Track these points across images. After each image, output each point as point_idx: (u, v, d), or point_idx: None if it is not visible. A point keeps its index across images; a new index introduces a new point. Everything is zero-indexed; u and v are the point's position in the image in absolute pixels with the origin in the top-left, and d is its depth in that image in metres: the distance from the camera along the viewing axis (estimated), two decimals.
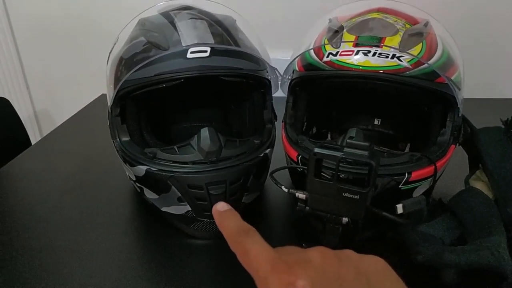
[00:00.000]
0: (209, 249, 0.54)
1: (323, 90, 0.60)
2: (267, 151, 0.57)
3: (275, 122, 0.64)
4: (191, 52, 0.51)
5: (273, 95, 0.63)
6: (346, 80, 0.52)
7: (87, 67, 1.21)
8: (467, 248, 0.43)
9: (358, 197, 0.43)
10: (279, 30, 1.04)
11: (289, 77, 0.62)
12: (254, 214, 0.59)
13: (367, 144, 0.43)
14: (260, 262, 0.29)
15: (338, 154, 0.43)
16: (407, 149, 0.67)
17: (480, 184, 0.56)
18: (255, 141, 0.57)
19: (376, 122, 0.75)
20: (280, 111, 0.64)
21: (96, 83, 0.93)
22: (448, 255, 0.43)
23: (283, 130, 0.62)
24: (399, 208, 0.42)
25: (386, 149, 0.55)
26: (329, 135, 0.73)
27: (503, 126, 0.60)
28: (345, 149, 0.44)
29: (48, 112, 1.34)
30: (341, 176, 0.48)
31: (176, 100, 0.68)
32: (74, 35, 1.19)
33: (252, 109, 0.63)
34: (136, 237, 0.58)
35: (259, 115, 0.62)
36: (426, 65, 0.48)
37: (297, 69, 0.59)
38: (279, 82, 0.61)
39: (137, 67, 0.49)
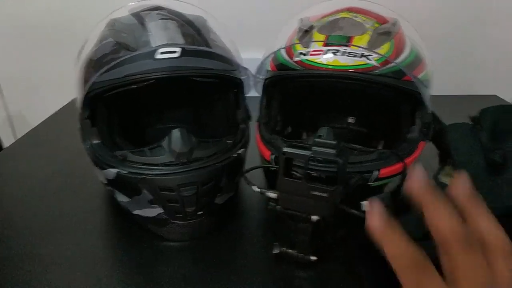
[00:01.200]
0: (184, 250, 0.54)
1: (296, 90, 0.60)
2: (240, 151, 0.57)
3: (250, 122, 0.64)
4: (161, 53, 0.50)
5: (249, 95, 0.63)
6: (316, 79, 0.53)
7: (64, 68, 1.18)
8: (434, 244, 0.44)
9: (327, 195, 0.44)
10: (253, 30, 1.04)
11: (263, 77, 0.62)
12: (228, 214, 0.59)
13: (334, 142, 0.44)
14: None
15: (307, 153, 0.44)
16: (380, 147, 0.68)
17: (449, 180, 0.57)
18: (228, 141, 0.57)
19: (350, 120, 0.76)
20: (256, 110, 0.64)
21: (73, 84, 0.92)
22: None
23: (257, 129, 0.62)
24: (366, 205, 0.43)
25: (358, 146, 0.56)
26: (304, 134, 0.74)
27: (471, 122, 0.61)
28: (314, 148, 0.44)
29: (23, 115, 1.30)
30: (312, 175, 0.48)
31: (149, 101, 0.67)
32: (50, 35, 1.16)
33: (225, 109, 0.63)
34: (110, 241, 0.57)
35: (233, 115, 0.62)
36: (393, 63, 0.49)
37: (269, 68, 0.60)
38: (252, 82, 0.61)
39: (105, 68, 0.49)
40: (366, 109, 0.69)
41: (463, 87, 1.17)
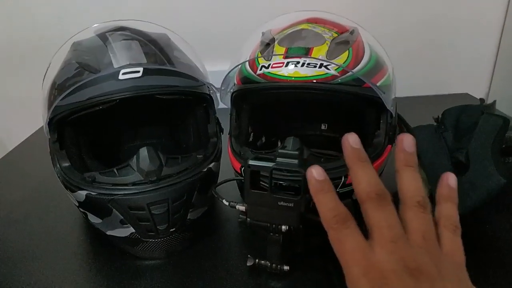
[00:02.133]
0: (159, 268, 0.54)
1: (263, 101, 0.61)
2: (211, 165, 0.57)
3: (222, 135, 0.65)
4: (123, 73, 0.51)
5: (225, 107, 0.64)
6: (279, 91, 0.54)
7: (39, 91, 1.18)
8: None
9: (292, 205, 0.44)
10: (221, 43, 1.04)
11: (230, 89, 0.63)
12: (203, 228, 0.59)
13: (296, 152, 0.44)
14: (355, 261, 0.31)
15: (270, 164, 0.44)
16: None
17: None
18: (198, 156, 0.57)
19: (323, 127, 0.77)
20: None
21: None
22: None
23: (228, 142, 0.63)
24: None
25: (331, 152, 0.57)
26: (279, 143, 0.75)
27: (435, 124, 0.63)
28: (277, 159, 0.45)
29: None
30: (284, 185, 0.49)
31: (120, 121, 0.67)
32: (24, 57, 1.15)
33: (196, 124, 0.63)
34: (85, 263, 0.56)
35: (204, 129, 0.62)
36: (350, 72, 0.50)
37: (236, 82, 0.60)
38: (218, 96, 0.62)
39: (66, 92, 0.49)
40: (335, 116, 0.70)
41: (437, 87, 1.20)
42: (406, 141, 0.37)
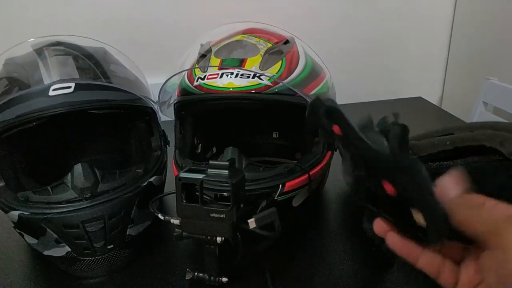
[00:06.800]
0: (101, 287, 0.52)
1: (203, 112, 0.61)
2: (151, 179, 0.57)
3: (168, 148, 0.65)
4: (54, 89, 0.50)
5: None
6: (215, 102, 0.54)
7: None
8: None
9: (224, 216, 0.44)
10: (163, 56, 1.03)
11: (173, 102, 0.62)
12: (146, 243, 0.58)
13: (226, 163, 0.44)
14: None
15: (200, 176, 0.44)
16: None
17: None
18: (137, 170, 0.56)
19: (274, 135, 0.78)
20: None
21: None
22: None
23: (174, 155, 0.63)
24: (251, 223, 0.44)
25: (283, 160, 0.57)
26: None
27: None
28: (208, 171, 0.45)
29: None
30: (223, 195, 0.49)
31: (64, 137, 0.66)
32: None
33: (138, 138, 0.62)
34: (26, 286, 0.54)
35: (147, 143, 0.62)
36: (281, 83, 0.51)
37: (176, 94, 0.60)
38: (158, 108, 0.61)
39: None
40: (282, 124, 0.71)
41: (393, 93, 1.23)
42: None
